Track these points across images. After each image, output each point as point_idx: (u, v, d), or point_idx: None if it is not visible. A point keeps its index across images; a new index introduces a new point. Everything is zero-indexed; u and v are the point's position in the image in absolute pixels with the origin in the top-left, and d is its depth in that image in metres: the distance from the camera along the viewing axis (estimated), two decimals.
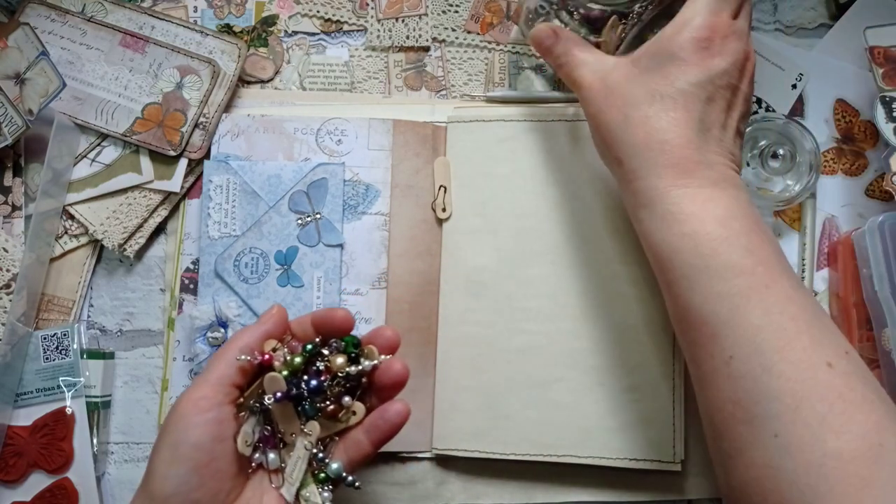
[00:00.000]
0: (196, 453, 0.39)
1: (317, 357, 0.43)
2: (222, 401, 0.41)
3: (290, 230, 0.54)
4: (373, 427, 0.43)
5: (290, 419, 0.43)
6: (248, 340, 0.42)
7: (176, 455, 0.39)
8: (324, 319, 0.44)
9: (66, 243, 0.56)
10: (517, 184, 0.55)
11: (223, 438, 0.40)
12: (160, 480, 0.39)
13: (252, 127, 0.55)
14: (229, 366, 0.41)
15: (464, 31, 0.59)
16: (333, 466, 0.42)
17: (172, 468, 0.39)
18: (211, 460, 0.40)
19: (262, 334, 0.43)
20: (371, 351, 0.43)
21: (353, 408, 0.43)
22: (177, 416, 0.40)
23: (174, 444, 0.40)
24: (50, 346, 0.54)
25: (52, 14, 0.57)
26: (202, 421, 0.40)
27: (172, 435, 0.40)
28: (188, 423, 0.40)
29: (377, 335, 0.44)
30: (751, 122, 0.54)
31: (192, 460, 0.39)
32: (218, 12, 0.59)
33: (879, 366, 0.52)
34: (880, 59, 0.54)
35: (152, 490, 0.39)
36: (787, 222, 0.57)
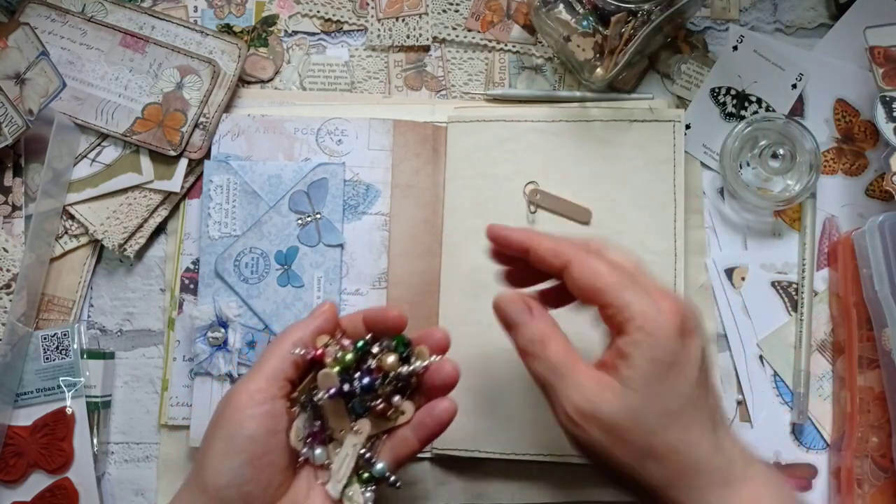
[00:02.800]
0: (251, 445, 0.39)
1: (367, 355, 0.43)
2: (276, 394, 0.41)
3: (291, 230, 0.54)
4: (421, 425, 0.42)
5: (341, 416, 0.43)
6: (300, 335, 0.42)
7: (231, 447, 0.39)
8: (376, 317, 0.43)
9: (66, 243, 0.56)
10: (517, 184, 0.55)
11: (276, 431, 0.40)
12: (214, 472, 0.39)
13: (252, 127, 0.55)
14: (283, 360, 0.41)
15: (464, 29, 0.59)
16: (378, 466, 0.42)
17: (227, 460, 0.39)
18: (264, 453, 0.40)
19: (315, 330, 0.43)
20: (422, 351, 0.43)
21: (402, 407, 0.43)
22: (231, 408, 0.40)
23: (229, 436, 0.39)
24: (50, 346, 0.54)
25: (52, 14, 0.57)
26: (257, 413, 0.40)
27: (227, 427, 0.40)
28: (244, 415, 0.39)
29: (428, 335, 0.44)
30: (751, 122, 0.54)
31: (246, 452, 0.39)
32: (218, 12, 0.59)
33: (879, 366, 0.52)
34: (880, 58, 0.54)
35: (205, 482, 0.39)
36: (788, 222, 0.57)
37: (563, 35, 0.53)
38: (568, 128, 0.55)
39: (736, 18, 0.58)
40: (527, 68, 0.59)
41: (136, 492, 0.55)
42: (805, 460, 0.54)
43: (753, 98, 0.57)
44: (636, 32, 0.50)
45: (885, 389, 0.51)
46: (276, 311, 0.53)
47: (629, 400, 0.36)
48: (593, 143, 0.55)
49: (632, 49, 0.50)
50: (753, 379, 0.55)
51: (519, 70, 0.59)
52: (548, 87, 0.58)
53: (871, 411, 0.52)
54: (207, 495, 0.39)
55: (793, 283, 0.56)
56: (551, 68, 0.58)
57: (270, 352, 0.42)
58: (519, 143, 0.55)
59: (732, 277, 0.56)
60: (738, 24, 0.58)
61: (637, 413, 0.36)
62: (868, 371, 0.52)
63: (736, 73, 0.57)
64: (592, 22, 0.51)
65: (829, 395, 0.55)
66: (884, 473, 0.51)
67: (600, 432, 0.36)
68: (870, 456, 0.51)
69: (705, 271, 0.56)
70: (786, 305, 0.56)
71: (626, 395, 0.36)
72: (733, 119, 0.57)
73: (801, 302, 0.55)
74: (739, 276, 0.56)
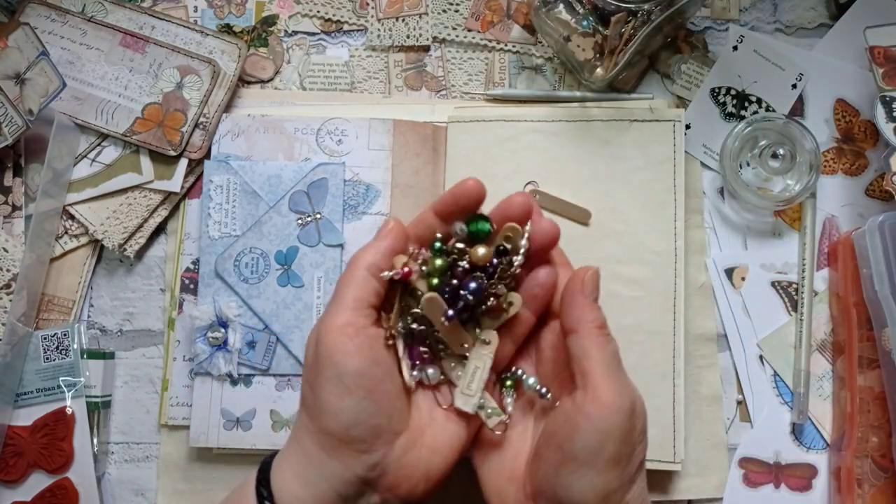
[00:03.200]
0: (361, 380, 0.37)
1: (452, 255, 0.39)
2: (365, 323, 0.38)
3: (291, 230, 0.54)
4: (531, 297, 0.40)
5: (455, 331, 0.40)
6: (372, 259, 0.39)
7: (343, 387, 0.37)
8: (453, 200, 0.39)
9: (66, 243, 0.56)
10: (517, 184, 0.55)
11: (379, 360, 0.38)
12: (334, 416, 0.37)
13: (252, 127, 0.55)
14: (363, 288, 0.39)
15: (464, 29, 0.59)
16: (530, 381, 0.40)
17: (345, 400, 0.37)
18: (376, 384, 0.38)
19: (387, 251, 0.40)
20: (516, 230, 0.39)
21: (510, 298, 0.40)
22: (327, 349, 0.37)
23: (336, 376, 0.37)
24: (50, 346, 0.54)
25: (52, 14, 0.57)
26: (355, 347, 0.37)
27: (330, 368, 0.37)
28: (343, 352, 0.37)
29: (508, 206, 0.40)
30: (751, 122, 0.54)
31: (360, 388, 0.37)
32: (218, 12, 0.59)
33: (879, 366, 0.52)
34: (880, 58, 0.54)
35: (328, 427, 0.37)
36: (788, 222, 0.57)
37: (563, 35, 0.53)
38: (568, 128, 0.55)
39: (736, 18, 0.58)
40: (527, 68, 0.59)
41: (136, 492, 0.55)
42: (805, 460, 0.54)
43: (753, 98, 0.57)
44: (636, 32, 0.50)
45: (885, 389, 0.51)
46: (276, 311, 0.53)
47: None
48: (593, 142, 0.55)
49: (632, 49, 0.50)
50: (753, 379, 0.55)
51: (519, 70, 0.59)
52: (548, 87, 0.58)
53: (871, 411, 0.52)
54: (334, 439, 0.37)
55: (793, 283, 0.56)
56: (551, 68, 0.58)
57: (347, 282, 0.39)
58: (519, 143, 0.55)
59: (732, 277, 0.56)
60: (738, 24, 0.58)
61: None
62: (868, 371, 0.52)
63: (736, 73, 0.57)
64: (592, 22, 0.51)
65: (829, 395, 0.55)
66: (884, 473, 0.51)
67: None
68: (870, 456, 0.51)
69: (705, 271, 0.56)
70: (786, 305, 0.56)
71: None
72: (733, 119, 0.57)
73: (801, 302, 0.55)
74: (739, 276, 0.56)
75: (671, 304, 0.53)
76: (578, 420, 0.36)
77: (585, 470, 0.35)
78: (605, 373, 0.36)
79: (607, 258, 0.53)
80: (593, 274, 0.39)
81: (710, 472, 0.54)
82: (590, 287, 0.39)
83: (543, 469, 0.37)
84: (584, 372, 0.37)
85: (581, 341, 0.37)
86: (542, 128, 0.55)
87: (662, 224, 0.54)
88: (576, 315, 0.38)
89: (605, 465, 0.35)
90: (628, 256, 0.53)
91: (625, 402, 0.36)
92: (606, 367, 0.37)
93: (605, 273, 0.53)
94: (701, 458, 0.54)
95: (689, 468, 0.53)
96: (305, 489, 0.38)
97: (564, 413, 0.37)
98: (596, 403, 0.35)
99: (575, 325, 0.38)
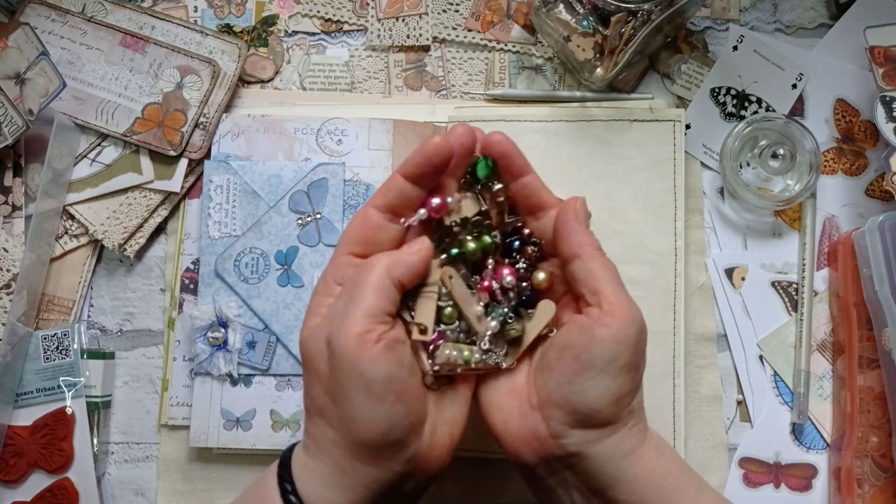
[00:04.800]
0: (392, 385, 0.37)
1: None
2: (384, 328, 0.38)
3: (291, 230, 0.54)
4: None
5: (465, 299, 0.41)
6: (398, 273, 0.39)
7: (374, 395, 0.36)
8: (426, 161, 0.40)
9: (66, 243, 0.56)
10: None
11: (402, 361, 0.38)
12: (369, 425, 0.37)
13: (252, 127, 0.55)
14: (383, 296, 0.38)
15: (464, 29, 0.59)
16: (540, 276, 0.42)
17: (378, 408, 0.36)
18: (405, 384, 0.38)
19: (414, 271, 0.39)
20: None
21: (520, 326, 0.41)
22: (350, 359, 0.36)
23: (364, 386, 0.36)
24: (50, 346, 0.54)
25: (52, 14, 0.57)
26: (380, 354, 0.37)
27: (356, 379, 0.36)
28: (370, 359, 0.36)
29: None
30: (751, 122, 0.54)
31: (391, 392, 0.37)
32: (218, 12, 0.59)
33: (879, 366, 0.52)
34: (880, 58, 0.54)
35: (363, 437, 0.37)
36: (788, 222, 0.57)
37: (563, 35, 0.53)
38: (568, 128, 0.55)
39: (736, 18, 0.58)
40: (527, 68, 0.59)
41: (136, 492, 0.55)
42: (805, 460, 0.54)
43: (753, 98, 0.57)
44: (636, 32, 0.50)
45: (885, 389, 0.51)
46: (276, 311, 0.53)
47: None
48: (593, 142, 0.55)
49: (632, 49, 0.50)
50: (753, 379, 0.55)
51: (519, 70, 0.59)
52: (548, 87, 0.58)
53: (871, 411, 0.52)
54: (370, 446, 0.37)
55: (793, 283, 0.56)
56: (551, 68, 0.58)
57: (366, 287, 0.38)
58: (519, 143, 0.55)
59: (732, 277, 0.56)
60: (738, 24, 0.58)
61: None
62: (868, 371, 0.52)
63: (736, 73, 0.57)
64: (592, 22, 0.51)
65: (829, 395, 0.55)
66: (884, 473, 0.51)
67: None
68: (870, 456, 0.51)
69: (705, 271, 0.56)
70: (786, 305, 0.56)
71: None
72: (733, 119, 0.57)
73: (801, 302, 0.55)
74: (739, 276, 0.56)
75: (671, 304, 0.53)
76: (596, 331, 0.38)
77: (602, 377, 0.38)
78: (615, 289, 0.39)
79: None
80: (583, 201, 0.41)
81: (710, 472, 0.54)
82: (582, 213, 0.41)
83: (556, 379, 0.39)
84: (595, 290, 0.39)
85: (586, 264, 0.39)
86: (542, 128, 0.55)
87: (662, 224, 0.54)
88: (575, 241, 0.40)
89: (619, 372, 0.38)
90: (628, 256, 0.53)
91: (636, 314, 0.39)
92: (615, 284, 0.39)
93: None
94: (701, 458, 0.54)
95: None
96: (341, 495, 0.38)
97: (579, 327, 0.39)
98: (612, 316, 0.38)
99: (577, 249, 0.40)
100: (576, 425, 0.38)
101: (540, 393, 0.40)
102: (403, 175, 0.40)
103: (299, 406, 0.53)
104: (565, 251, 0.40)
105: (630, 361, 0.38)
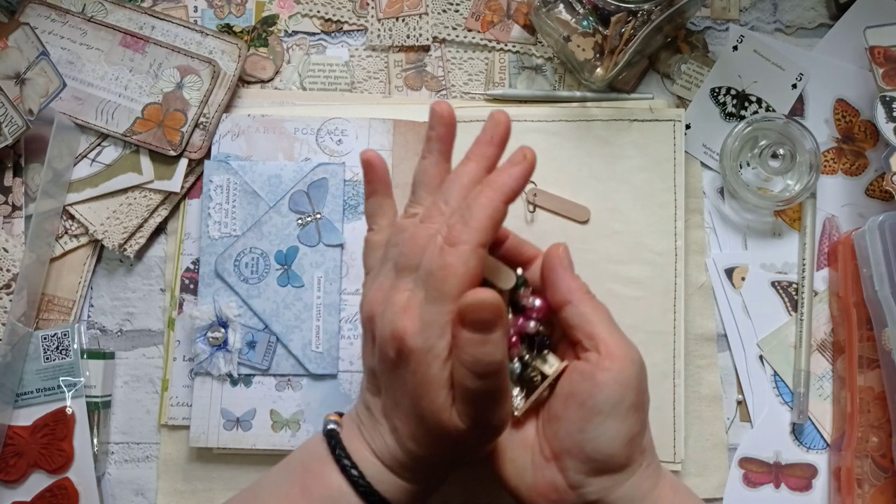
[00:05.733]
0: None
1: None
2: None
3: (291, 230, 0.54)
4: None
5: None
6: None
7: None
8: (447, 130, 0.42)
9: (66, 243, 0.56)
10: None
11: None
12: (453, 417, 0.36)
13: (252, 127, 0.55)
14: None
15: (464, 29, 0.59)
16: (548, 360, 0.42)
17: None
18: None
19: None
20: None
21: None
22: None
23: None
24: (50, 346, 0.54)
25: (52, 14, 0.57)
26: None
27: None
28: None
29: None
30: (751, 122, 0.54)
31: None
32: (218, 12, 0.59)
33: (879, 366, 0.52)
34: (880, 58, 0.54)
35: (443, 426, 0.36)
36: (788, 222, 0.57)
37: (563, 35, 0.53)
38: (568, 128, 0.55)
39: (736, 18, 0.58)
40: (527, 68, 0.59)
41: (136, 492, 0.55)
42: (805, 460, 0.54)
43: (753, 98, 0.57)
44: (636, 32, 0.50)
45: (885, 389, 0.51)
46: (276, 311, 0.53)
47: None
48: (593, 142, 0.55)
49: (632, 49, 0.50)
50: (753, 379, 0.55)
51: (519, 70, 0.59)
52: (548, 87, 0.58)
53: (871, 411, 0.52)
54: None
55: (793, 283, 0.56)
56: (551, 68, 0.58)
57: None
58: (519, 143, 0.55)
59: (732, 277, 0.56)
60: (738, 24, 0.58)
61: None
62: (868, 371, 0.52)
63: (736, 73, 0.57)
64: (592, 22, 0.51)
65: (829, 395, 0.55)
66: (884, 473, 0.51)
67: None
68: (870, 456, 0.51)
69: (705, 271, 0.56)
70: (786, 305, 0.56)
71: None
72: (733, 119, 0.57)
73: (801, 302, 0.55)
74: (739, 276, 0.56)
75: (671, 304, 0.53)
76: (598, 376, 0.38)
77: (610, 421, 0.38)
78: (609, 330, 0.39)
79: (607, 258, 0.53)
80: (565, 248, 0.42)
81: (710, 472, 0.54)
82: (566, 260, 0.41)
83: (565, 429, 0.39)
84: (590, 335, 0.39)
85: (578, 309, 0.40)
86: (542, 128, 0.55)
87: (662, 224, 0.54)
88: (564, 287, 0.40)
89: (627, 413, 0.38)
90: (628, 256, 0.53)
91: (634, 354, 0.39)
92: (609, 326, 0.40)
93: (604, 273, 0.53)
94: (701, 458, 0.54)
95: (689, 468, 0.53)
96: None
97: (581, 374, 0.39)
98: (611, 359, 0.38)
99: (567, 295, 0.40)
100: (593, 473, 0.38)
101: (552, 444, 0.40)
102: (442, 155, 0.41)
103: (299, 406, 0.53)
104: (556, 298, 0.40)
105: (635, 401, 0.38)
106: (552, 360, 0.42)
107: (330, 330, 0.53)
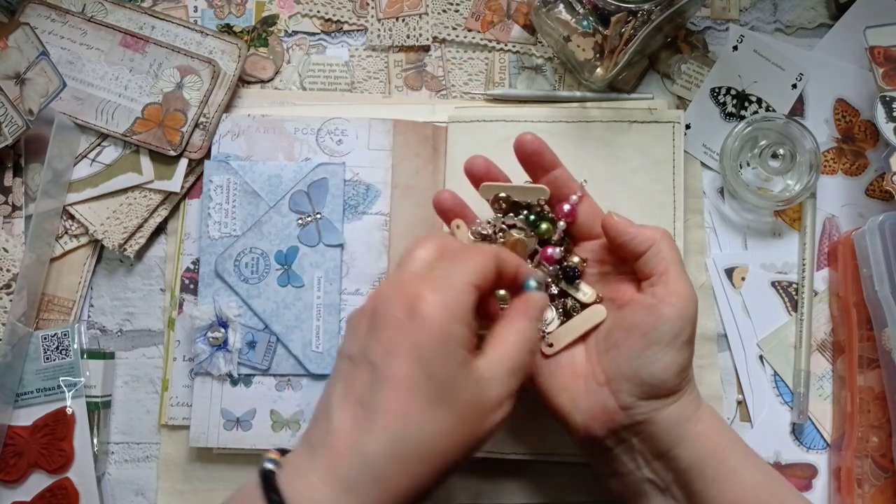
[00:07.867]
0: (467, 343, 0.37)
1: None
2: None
3: (291, 230, 0.54)
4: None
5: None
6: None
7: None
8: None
9: (66, 243, 0.56)
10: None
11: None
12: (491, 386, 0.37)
13: (252, 127, 0.55)
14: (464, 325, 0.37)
15: (464, 29, 0.59)
16: (575, 260, 0.47)
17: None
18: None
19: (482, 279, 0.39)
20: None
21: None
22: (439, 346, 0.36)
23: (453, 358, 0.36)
24: (50, 346, 0.54)
25: (52, 14, 0.57)
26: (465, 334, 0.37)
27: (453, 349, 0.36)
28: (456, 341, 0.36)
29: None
30: (751, 122, 0.54)
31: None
32: (218, 12, 0.59)
33: (880, 366, 0.52)
34: (880, 58, 0.54)
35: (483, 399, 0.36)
36: (788, 222, 0.57)
37: (563, 35, 0.53)
38: (568, 128, 0.55)
39: (736, 18, 0.58)
40: (527, 68, 0.59)
41: (136, 492, 0.55)
42: (805, 460, 0.54)
43: (753, 98, 0.57)
44: (636, 32, 0.50)
45: (885, 389, 0.51)
46: (276, 311, 0.53)
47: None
48: (593, 143, 0.55)
49: (632, 49, 0.50)
50: (753, 379, 0.55)
51: (519, 70, 0.59)
52: (548, 87, 0.58)
53: (871, 411, 0.52)
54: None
55: (793, 283, 0.56)
56: (551, 68, 0.58)
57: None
58: None
59: (732, 277, 0.56)
60: (738, 24, 0.58)
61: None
62: (868, 371, 0.52)
63: (736, 73, 0.57)
64: (592, 22, 0.51)
65: (829, 395, 0.55)
66: (884, 473, 0.51)
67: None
68: (870, 456, 0.51)
69: (705, 271, 0.56)
70: (786, 305, 0.56)
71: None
72: (733, 119, 0.57)
73: (801, 302, 0.55)
74: (739, 276, 0.56)
75: None
76: (663, 309, 0.42)
77: (667, 350, 0.42)
78: (679, 270, 0.43)
79: None
80: (618, 215, 0.45)
81: None
82: (627, 219, 0.45)
83: (624, 356, 0.43)
84: (664, 271, 0.43)
85: (659, 247, 0.43)
86: (542, 128, 0.55)
87: (662, 224, 0.53)
88: (647, 235, 0.44)
89: (682, 345, 0.42)
90: None
91: (694, 294, 0.43)
92: (679, 266, 0.43)
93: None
94: None
95: None
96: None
97: (646, 307, 0.43)
98: (678, 295, 0.42)
99: (651, 240, 0.44)
100: (644, 397, 0.42)
101: (607, 370, 0.43)
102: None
103: (299, 406, 0.53)
104: (642, 248, 0.44)
105: (690, 336, 0.42)
106: (585, 289, 0.46)
107: (330, 330, 0.53)
